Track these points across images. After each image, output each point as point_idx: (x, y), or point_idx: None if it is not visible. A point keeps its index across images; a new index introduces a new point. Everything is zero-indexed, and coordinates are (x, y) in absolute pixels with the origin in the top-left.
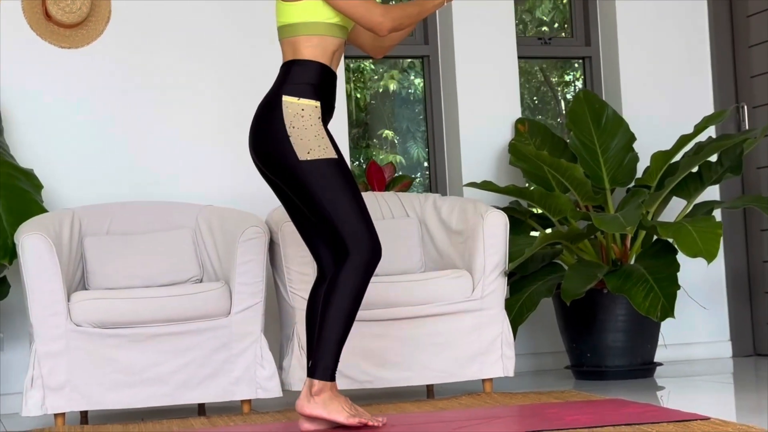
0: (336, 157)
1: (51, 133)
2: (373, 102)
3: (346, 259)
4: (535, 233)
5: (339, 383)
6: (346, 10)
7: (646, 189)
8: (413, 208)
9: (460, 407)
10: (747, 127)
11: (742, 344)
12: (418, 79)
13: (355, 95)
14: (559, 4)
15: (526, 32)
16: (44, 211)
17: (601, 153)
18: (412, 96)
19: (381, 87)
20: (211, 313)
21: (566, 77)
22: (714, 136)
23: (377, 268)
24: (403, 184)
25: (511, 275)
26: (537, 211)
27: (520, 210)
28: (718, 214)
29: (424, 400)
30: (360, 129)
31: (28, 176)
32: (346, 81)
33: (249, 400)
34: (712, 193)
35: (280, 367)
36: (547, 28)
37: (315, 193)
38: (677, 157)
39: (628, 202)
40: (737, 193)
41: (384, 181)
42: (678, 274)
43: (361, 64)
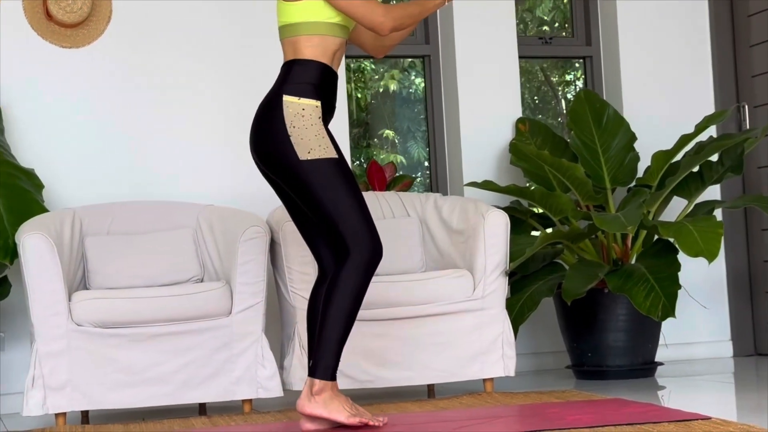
0: (336, 156)
1: (52, 133)
2: (374, 102)
3: (347, 258)
4: (535, 233)
5: (340, 383)
6: (348, 9)
7: (647, 189)
8: (414, 208)
9: (460, 407)
10: (748, 127)
11: (743, 344)
12: (419, 78)
13: (356, 95)
14: (560, 4)
15: (527, 32)
16: (45, 210)
17: (602, 152)
18: (413, 96)
19: (381, 87)
20: (212, 313)
21: (567, 77)
22: (715, 135)
23: (378, 267)
24: (404, 184)
25: (512, 275)
26: (538, 210)
27: (521, 210)
28: (719, 214)
29: (425, 400)
30: (361, 129)
31: (29, 176)
32: (347, 81)
33: (250, 400)
34: (713, 192)
35: (281, 367)
36: (547, 28)
37: (316, 193)
38: (678, 157)
39: (629, 202)
40: (738, 193)
41: (385, 181)
42: (679, 274)
43: (362, 64)
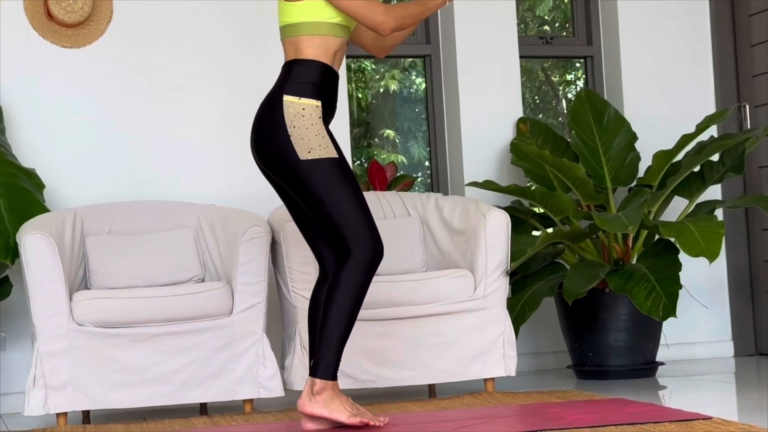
0: (337, 156)
1: (53, 133)
2: (375, 101)
3: (348, 258)
4: (536, 233)
5: (341, 382)
6: (349, 9)
7: (648, 188)
8: (415, 208)
9: (462, 407)
10: (749, 127)
11: (743, 344)
12: (420, 78)
13: (357, 95)
14: (561, 4)
15: (528, 31)
16: (46, 210)
17: (603, 152)
18: (414, 95)
19: (382, 86)
20: (213, 313)
21: (568, 76)
22: (716, 135)
23: (379, 267)
24: (405, 184)
25: (512, 275)
26: (539, 210)
27: (522, 209)
28: (719, 214)
29: (426, 400)
30: (361, 129)
31: (30, 176)
32: (348, 81)
33: (251, 400)
34: (714, 192)
35: (282, 367)
36: (548, 28)
37: (316, 193)
38: (679, 157)
39: (629, 202)
40: (739, 193)
41: (386, 181)
42: (680, 274)
43: (362, 64)
